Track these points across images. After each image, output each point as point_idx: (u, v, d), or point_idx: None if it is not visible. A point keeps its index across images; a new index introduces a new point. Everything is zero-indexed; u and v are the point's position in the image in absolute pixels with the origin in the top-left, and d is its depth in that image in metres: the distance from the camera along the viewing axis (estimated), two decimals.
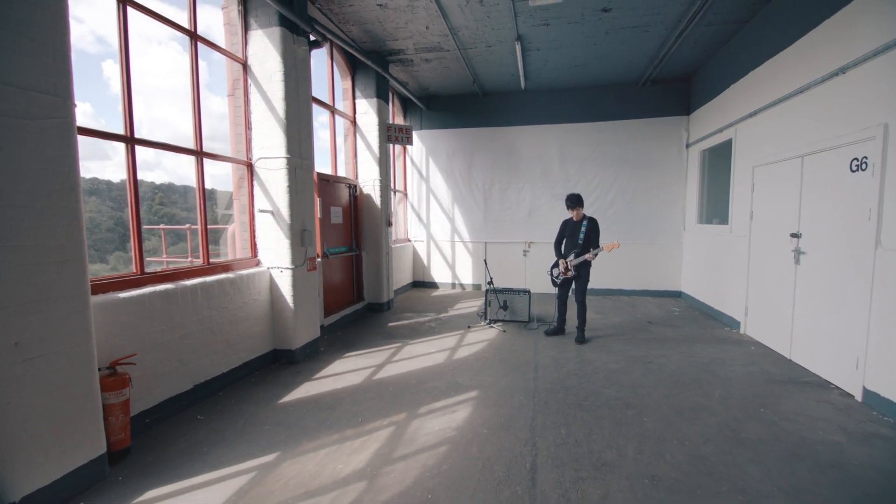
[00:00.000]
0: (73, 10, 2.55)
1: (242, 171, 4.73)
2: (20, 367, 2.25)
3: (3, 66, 2.17)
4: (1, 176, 2.16)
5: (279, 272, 4.73)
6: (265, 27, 4.52)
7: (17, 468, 2.24)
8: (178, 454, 2.97)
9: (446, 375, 4.41)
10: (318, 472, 2.74)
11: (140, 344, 3.21)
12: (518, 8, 5.49)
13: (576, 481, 2.63)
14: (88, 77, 6.55)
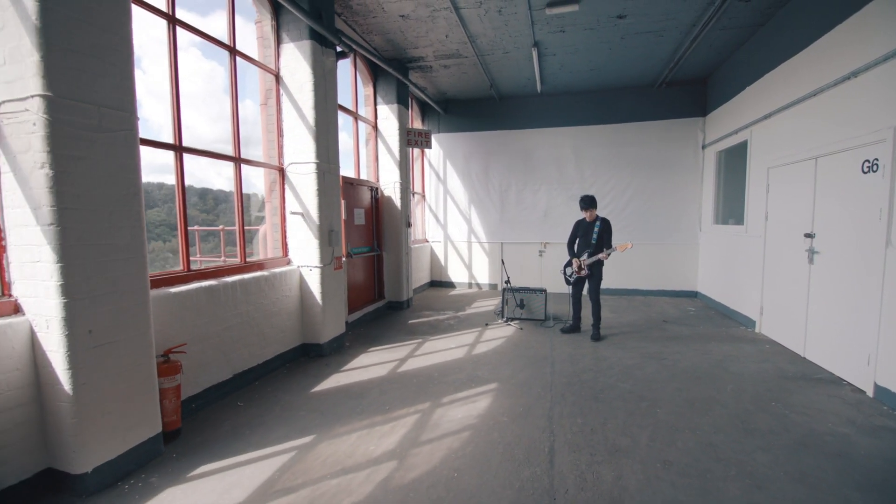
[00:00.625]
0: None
1: (274, 175, 5.03)
2: (93, 352, 2.54)
3: (80, 85, 2.47)
4: (80, 183, 2.46)
5: (308, 270, 5.01)
6: (296, 41, 4.81)
7: (89, 442, 2.54)
8: (223, 435, 3.25)
9: (466, 369, 4.63)
10: (352, 452, 2.99)
11: (188, 335, 3.51)
12: (535, 16, 5.69)
13: (591, 464, 2.82)
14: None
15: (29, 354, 2.48)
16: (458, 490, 2.56)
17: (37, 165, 2.34)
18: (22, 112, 2.35)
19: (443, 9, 5.50)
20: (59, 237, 2.36)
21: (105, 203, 2.59)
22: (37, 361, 2.50)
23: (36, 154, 2.33)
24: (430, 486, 2.60)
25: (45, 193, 2.33)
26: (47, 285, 2.39)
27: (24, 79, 2.33)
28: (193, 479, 2.71)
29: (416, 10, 5.56)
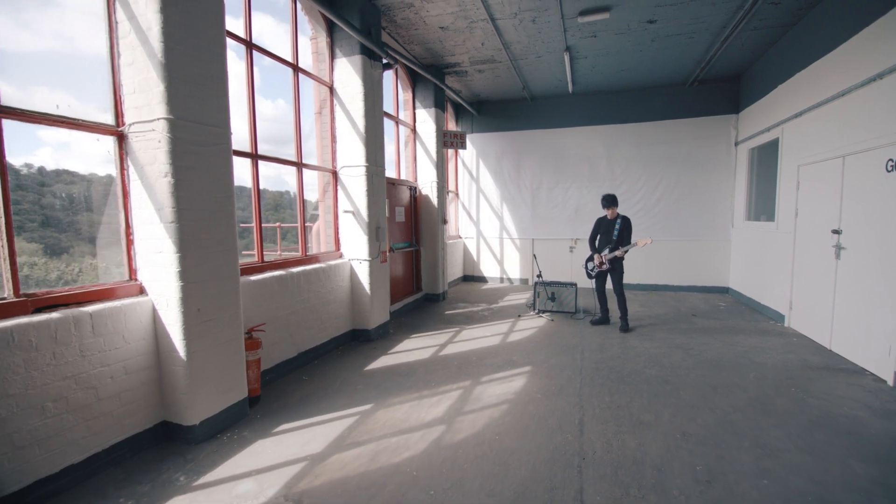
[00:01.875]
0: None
1: (328, 177, 5.57)
2: (200, 326, 3.11)
3: (191, 108, 3.02)
4: (191, 188, 3.02)
5: (358, 263, 5.54)
6: (348, 55, 5.33)
7: (197, 400, 3.11)
8: (295, 402, 3.80)
9: (502, 354, 5.04)
10: (406, 418, 3.47)
11: (263, 317, 4.08)
12: (567, 24, 6.01)
13: (617, 434, 3.19)
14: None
15: (151, 327, 3.07)
16: (500, 449, 3.00)
17: (161, 175, 2.91)
18: (149, 132, 2.92)
19: (480, 20, 5.90)
20: (177, 233, 2.93)
21: (208, 205, 3.15)
22: (157, 333, 3.09)
23: (160, 165, 2.90)
24: (476, 445, 3.04)
25: (167, 197, 2.91)
26: (168, 272, 2.96)
27: (150, 105, 2.90)
28: (277, 434, 3.26)
29: (455, 22, 5.98)
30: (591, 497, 2.48)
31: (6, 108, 2.43)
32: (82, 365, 2.65)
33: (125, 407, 2.90)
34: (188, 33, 2.98)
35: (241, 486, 2.62)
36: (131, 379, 2.94)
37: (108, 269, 3.24)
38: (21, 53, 3.08)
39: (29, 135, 3.17)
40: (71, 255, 3.49)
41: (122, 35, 2.95)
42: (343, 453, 2.98)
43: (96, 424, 2.74)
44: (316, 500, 2.49)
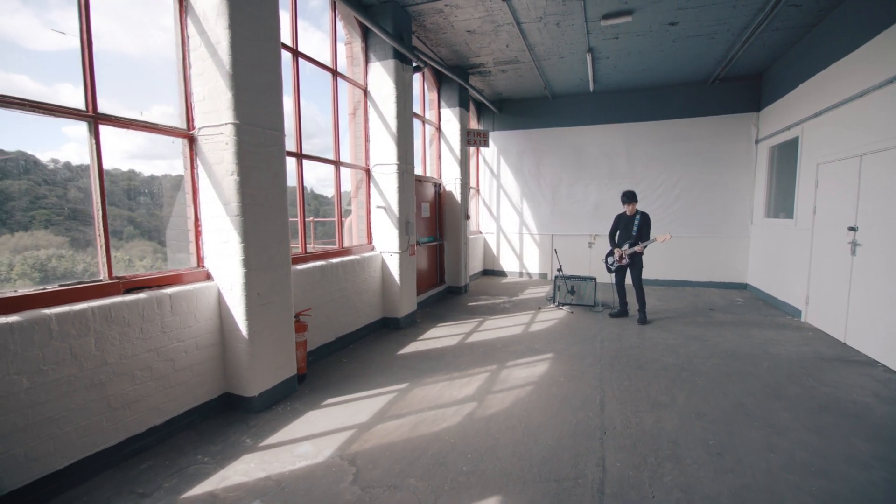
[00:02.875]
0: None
1: (360, 175, 5.91)
2: (259, 309, 3.48)
3: (253, 113, 3.38)
4: (253, 185, 3.38)
5: (389, 255, 5.88)
6: (382, 60, 5.65)
7: (256, 374, 3.49)
8: (338, 381, 4.16)
9: (525, 342, 5.34)
10: (440, 395, 3.80)
11: (307, 303, 4.45)
12: (590, 27, 6.22)
13: (635, 412, 3.47)
14: (160, 77, 7.41)
15: (216, 309, 3.45)
16: (528, 423, 3.30)
17: (228, 173, 3.27)
18: (217, 135, 3.29)
19: (506, 24, 6.15)
20: (242, 225, 3.30)
21: (266, 200, 3.52)
22: (221, 314, 3.47)
23: (227, 165, 3.27)
24: (505, 419, 3.36)
25: (233, 193, 3.27)
26: (233, 260, 3.34)
27: (219, 110, 3.26)
28: (325, 406, 3.62)
29: (481, 26, 6.25)
30: (612, 464, 2.77)
31: (102, 115, 2.82)
32: (163, 339, 3.04)
33: (196, 378, 3.29)
34: (251, 46, 3.33)
35: (300, 448, 2.98)
36: (201, 354, 3.33)
37: (176, 257, 3.63)
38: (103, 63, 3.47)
39: (109, 139, 3.58)
40: (145, 245, 3.90)
41: (192, 48, 3.31)
42: (386, 423, 3.32)
43: (173, 392, 3.13)
44: (367, 460, 2.83)
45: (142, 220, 4.09)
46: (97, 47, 2.78)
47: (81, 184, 4.04)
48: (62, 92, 3.68)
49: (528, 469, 2.72)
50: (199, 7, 3.23)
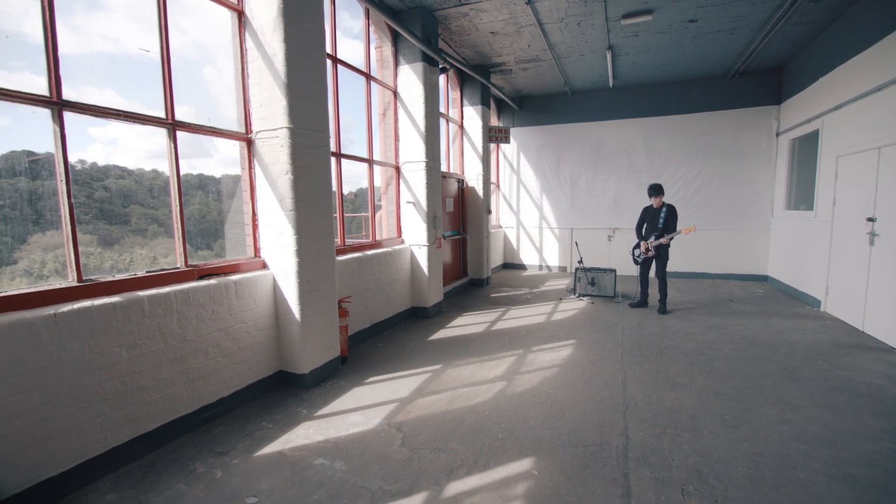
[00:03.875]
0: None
1: (390, 172, 6.25)
2: (310, 295, 3.85)
3: (304, 118, 3.73)
4: (305, 183, 3.74)
5: (417, 248, 6.22)
6: (411, 63, 5.96)
7: (307, 353, 3.86)
8: (376, 362, 4.52)
9: (548, 330, 5.61)
10: (472, 375, 4.12)
11: (347, 291, 4.81)
12: (611, 26, 6.41)
13: (655, 391, 3.73)
14: (193, 81, 7.56)
15: (272, 295, 3.83)
16: (555, 399, 3.60)
17: (283, 172, 3.64)
18: (273, 138, 3.65)
19: (528, 25, 6.39)
20: (295, 219, 3.66)
21: (315, 196, 3.87)
22: (276, 300, 3.84)
23: (282, 165, 3.63)
24: (534, 396, 3.66)
25: (288, 190, 3.63)
26: (287, 250, 3.70)
27: (275, 116, 3.62)
28: (368, 383, 3.98)
29: (504, 28, 6.50)
30: (635, 433, 3.05)
31: (179, 122, 3.19)
32: (230, 321, 3.43)
33: (256, 356, 3.68)
34: (302, 57, 3.68)
35: (351, 418, 3.34)
36: (259, 334, 3.71)
37: (233, 248, 4.02)
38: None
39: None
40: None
41: (250, 60, 3.68)
42: (425, 398, 3.66)
43: (238, 368, 3.52)
44: (412, 428, 3.17)
45: (164, 218, 4.44)
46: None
47: (107, 184, 4.32)
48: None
49: (558, 436, 3.02)
50: (256, 23, 3.59)
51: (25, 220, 2.96)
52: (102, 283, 2.73)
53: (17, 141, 2.86)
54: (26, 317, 2.29)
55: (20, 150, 2.84)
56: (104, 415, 2.64)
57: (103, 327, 2.60)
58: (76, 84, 3.17)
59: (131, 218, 4.06)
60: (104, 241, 3.80)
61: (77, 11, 3.33)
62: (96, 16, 3.79)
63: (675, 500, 2.36)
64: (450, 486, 2.51)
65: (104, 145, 4.14)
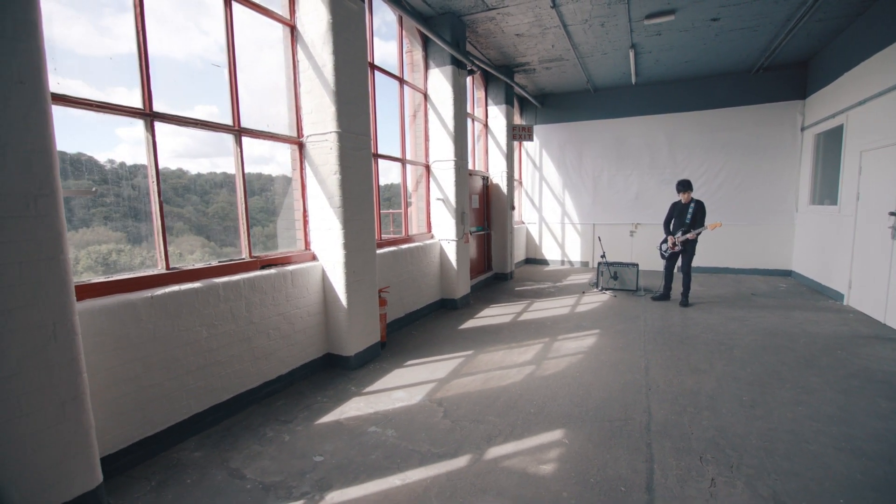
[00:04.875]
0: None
1: (421, 170, 6.58)
2: (355, 284, 4.21)
3: (350, 122, 4.08)
4: (351, 182, 4.10)
5: (446, 243, 6.54)
6: (440, 66, 6.27)
7: (353, 337, 4.23)
8: (412, 348, 4.87)
9: (572, 320, 5.88)
10: (502, 360, 4.43)
11: (384, 282, 5.17)
12: (634, 26, 6.59)
13: (677, 375, 3.97)
14: (216, 83, 7.95)
15: (321, 284, 4.21)
16: (581, 381, 3.88)
17: (331, 172, 4.00)
18: (322, 141, 4.01)
19: (553, 27, 6.62)
20: (342, 215, 4.02)
21: (359, 194, 4.23)
22: (325, 288, 4.22)
23: (331, 166, 3.99)
24: (561, 378, 3.95)
25: (336, 189, 4.00)
26: (335, 244, 4.07)
27: (324, 121, 3.99)
28: (407, 366, 4.33)
29: (530, 30, 6.74)
30: (657, 411, 3.32)
31: (244, 128, 3.58)
32: (287, 307, 3.82)
33: (307, 339, 4.07)
34: (348, 66, 4.03)
35: (395, 394, 3.69)
36: (311, 319, 4.10)
37: (284, 241, 4.41)
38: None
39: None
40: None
41: (302, 70, 4.04)
42: (461, 379, 3.99)
43: (293, 349, 3.91)
44: (451, 403, 3.50)
45: (189, 216, 4.69)
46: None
47: (136, 182, 4.58)
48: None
49: (585, 412, 3.32)
50: (307, 37, 3.95)
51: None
52: (185, 270, 3.14)
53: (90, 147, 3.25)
54: (130, 298, 2.70)
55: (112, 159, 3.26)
56: (188, 385, 3.05)
57: (188, 309, 3.01)
58: (162, 94, 3.58)
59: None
60: (132, 239, 4.10)
61: (165, 31, 3.74)
62: (182, 36, 4.19)
63: (694, 466, 2.64)
64: (490, 450, 2.83)
65: (130, 146, 4.50)
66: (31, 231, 2.04)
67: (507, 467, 2.65)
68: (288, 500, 2.41)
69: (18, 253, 2.01)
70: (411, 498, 2.40)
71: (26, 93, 2.01)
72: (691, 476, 2.55)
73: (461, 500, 2.37)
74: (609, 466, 2.65)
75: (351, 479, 2.58)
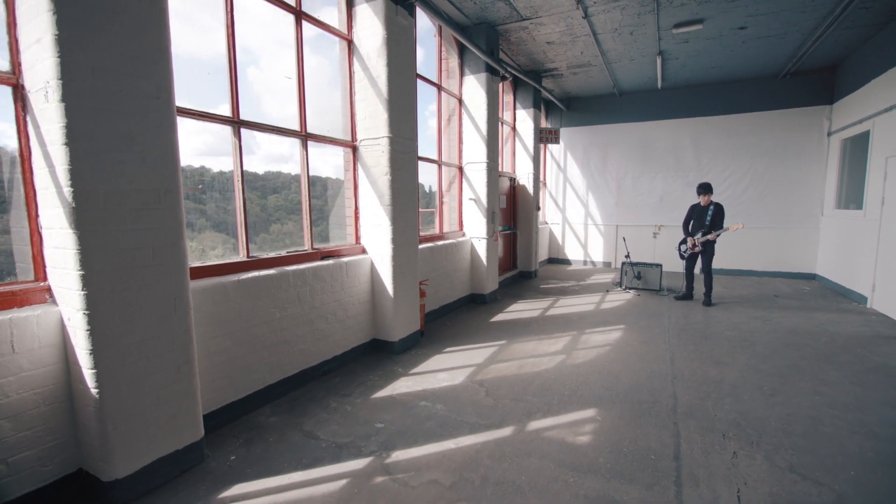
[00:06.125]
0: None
1: (454, 171, 6.95)
2: (400, 276, 4.60)
3: (399, 127, 4.46)
4: (398, 183, 4.49)
5: (477, 240, 6.90)
6: (475, 73, 6.63)
7: (397, 324, 4.62)
8: (449, 337, 5.24)
9: (598, 316, 6.16)
10: (535, 349, 4.76)
11: (423, 276, 5.55)
12: (662, 34, 6.83)
13: (700, 366, 4.25)
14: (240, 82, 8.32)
15: (370, 274, 4.61)
16: (610, 369, 4.19)
17: (382, 173, 4.40)
18: (375, 145, 4.41)
19: (583, 35, 6.91)
20: (391, 212, 4.41)
21: (405, 193, 4.62)
22: (373, 279, 4.62)
23: (382, 167, 4.39)
24: (591, 366, 4.26)
25: (386, 188, 4.39)
26: (384, 238, 4.47)
27: (377, 127, 4.38)
28: (446, 352, 4.70)
29: (560, 38, 7.04)
30: (682, 396, 3.61)
31: (310, 134, 4.00)
32: (342, 294, 4.23)
33: (358, 325, 4.47)
34: (399, 77, 4.42)
35: (439, 376, 4.06)
36: (361, 307, 4.50)
37: (336, 235, 4.82)
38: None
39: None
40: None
41: (357, 80, 4.45)
42: (497, 364, 4.34)
43: (346, 333, 4.32)
44: (491, 384, 3.86)
45: (212, 214, 5.07)
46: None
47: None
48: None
49: (615, 395, 3.63)
50: (363, 50, 4.36)
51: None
52: (261, 259, 3.56)
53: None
54: (221, 281, 3.13)
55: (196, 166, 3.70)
56: (264, 359, 3.47)
57: (266, 292, 3.43)
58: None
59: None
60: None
61: (251, 55, 4.18)
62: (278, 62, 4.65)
63: (717, 442, 2.93)
64: (531, 423, 3.18)
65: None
66: (160, 220, 2.47)
67: (548, 437, 3.00)
68: (359, 456, 2.80)
69: (151, 238, 2.44)
70: (466, 458, 2.76)
71: (160, 106, 2.44)
72: (715, 449, 2.84)
73: (510, 461, 2.72)
74: (639, 439, 2.96)
75: (410, 441, 2.96)
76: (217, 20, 3.29)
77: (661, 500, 2.37)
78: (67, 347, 2.34)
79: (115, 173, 2.26)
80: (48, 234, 2.30)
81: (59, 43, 2.05)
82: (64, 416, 2.37)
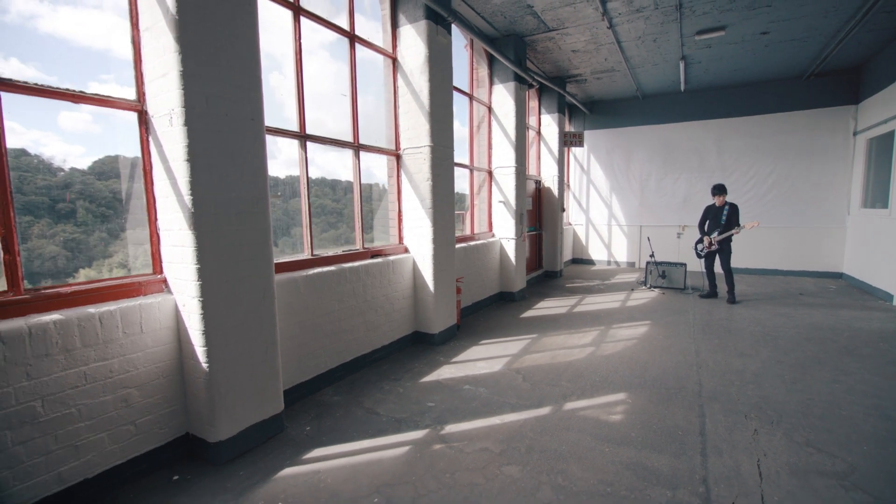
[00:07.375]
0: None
1: (483, 175, 7.32)
2: (440, 273, 4.99)
3: (439, 137, 4.87)
4: (439, 187, 4.89)
5: (506, 241, 7.25)
6: (504, 82, 7.00)
7: (437, 318, 5.01)
8: (482, 331, 5.61)
9: (624, 313, 6.44)
10: (565, 342, 5.09)
11: (458, 274, 5.93)
12: (685, 41, 7.08)
13: (724, 358, 4.51)
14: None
15: (412, 272, 5.02)
16: (638, 360, 4.50)
17: (424, 179, 4.81)
18: (417, 153, 4.83)
19: (608, 43, 7.21)
20: (433, 215, 4.82)
21: (444, 197, 5.02)
22: (415, 276, 5.03)
23: (424, 173, 4.80)
24: (619, 357, 4.57)
25: (428, 193, 4.80)
26: (426, 239, 4.87)
27: (419, 136, 4.80)
28: (483, 344, 5.07)
29: (585, 46, 7.36)
30: (707, 383, 3.90)
31: (362, 144, 4.44)
32: (389, 289, 4.65)
33: (402, 318, 4.89)
34: (439, 90, 4.83)
35: (478, 364, 4.44)
36: (404, 301, 4.92)
37: (379, 237, 5.25)
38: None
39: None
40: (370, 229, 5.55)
41: (401, 94, 4.87)
42: (531, 355, 4.69)
43: (392, 325, 4.74)
44: (527, 372, 4.21)
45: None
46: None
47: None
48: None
49: (644, 382, 3.94)
50: (406, 67, 4.78)
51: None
52: (322, 257, 4.01)
53: None
54: (293, 276, 3.58)
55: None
56: (326, 346, 3.91)
57: (327, 286, 3.87)
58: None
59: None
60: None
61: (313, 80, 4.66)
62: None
63: (740, 422, 3.23)
64: (566, 404, 3.53)
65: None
66: (255, 222, 2.92)
67: (583, 416, 3.34)
68: (416, 428, 3.19)
69: (249, 237, 2.89)
70: (511, 431, 3.13)
71: (255, 127, 2.89)
72: (737, 427, 3.14)
73: (551, 434, 3.08)
74: (667, 418, 3.28)
75: (460, 417, 3.34)
76: (287, 45, 3.75)
77: (687, 466, 2.69)
78: (180, 329, 2.80)
79: (222, 184, 2.72)
80: (166, 235, 2.77)
81: (183, 77, 2.51)
82: (176, 388, 2.84)
